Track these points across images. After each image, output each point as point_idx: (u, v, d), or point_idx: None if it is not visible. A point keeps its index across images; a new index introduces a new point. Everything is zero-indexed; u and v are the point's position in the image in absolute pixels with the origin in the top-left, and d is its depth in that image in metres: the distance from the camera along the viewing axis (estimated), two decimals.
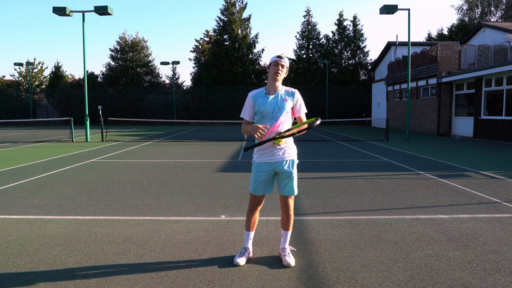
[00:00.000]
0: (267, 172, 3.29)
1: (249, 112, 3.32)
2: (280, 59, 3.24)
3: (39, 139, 18.30)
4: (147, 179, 7.53)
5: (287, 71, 3.32)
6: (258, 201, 3.40)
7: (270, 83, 3.33)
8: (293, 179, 3.32)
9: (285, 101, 3.28)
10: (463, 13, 41.96)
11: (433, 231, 4.23)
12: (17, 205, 5.49)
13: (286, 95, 3.32)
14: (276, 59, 3.25)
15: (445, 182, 7.10)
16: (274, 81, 3.28)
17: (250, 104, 3.31)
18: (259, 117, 3.30)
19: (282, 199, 3.37)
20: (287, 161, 3.29)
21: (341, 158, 10.77)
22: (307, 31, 39.66)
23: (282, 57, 3.25)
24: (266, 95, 3.29)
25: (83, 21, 17.43)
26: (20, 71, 43.79)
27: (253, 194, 3.36)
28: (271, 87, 3.32)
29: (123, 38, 41.30)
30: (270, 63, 3.29)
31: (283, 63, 3.25)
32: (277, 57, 3.25)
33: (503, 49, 19.54)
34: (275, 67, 3.24)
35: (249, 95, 3.35)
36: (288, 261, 3.32)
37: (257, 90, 3.38)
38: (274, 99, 3.27)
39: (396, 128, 25.65)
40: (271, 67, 3.26)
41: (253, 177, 3.36)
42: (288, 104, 3.29)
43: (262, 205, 3.52)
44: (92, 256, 3.56)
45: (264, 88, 3.36)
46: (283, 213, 3.42)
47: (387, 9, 16.49)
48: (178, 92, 39.22)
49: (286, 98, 3.30)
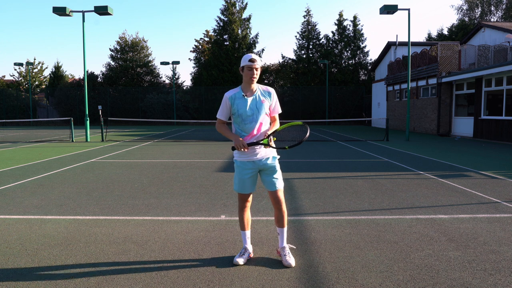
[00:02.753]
0: (251, 170, 3.33)
1: (226, 113, 3.34)
2: (253, 63, 3.17)
3: (39, 139, 18.30)
4: (147, 179, 7.53)
5: (261, 69, 3.29)
6: (246, 198, 3.44)
7: (246, 85, 3.29)
8: (277, 172, 3.38)
9: (263, 102, 3.30)
10: (463, 13, 41.97)
11: (433, 231, 4.23)
12: (17, 205, 5.49)
13: (263, 96, 3.32)
14: (249, 64, 3.17)
15: (445, 182, 7.10)
16: (250, 83, 3.26)
17: (227, 105, 3.30)
18: (238, 119, 3.29)
19: (272, 194, 3.38)
20: (269, 157, 3.34)
21: (341, 158, 10.77)
22: (307, 31, 39.65)
23: (254, 60, 3.17)
24: (243, 97, 3.27)
25: (83, 21, 17.43)
26: (20, 71, 43.84)
27: (241, 193, 3.40)
28: (247, 88, 3.29)
29: (123, 38, 41.32)
30: (243, 65, 3.20)
31: (256, 66, 3.19)
32: (249, 61, 3.16)
33: (503, 49, 19.53)
34: (250, 72, 3.19)
35: (226, 96, 3.30)
36: (288, 261, 3.31)
37: (233, 90, 3.34)
38: (253, 102, 3.27)
39: (396, 128, 25.65)
40: (245, 71, 3.20)
41: (238, 176, 3.38)
42: (266, 105, 3.31)
43: (262, 206, 3.52)
44: (92, 256, 3.56)
45: (240, 89, 3.31)
46: (276, 210, 3.41)
47: (387, 9, 16.50)
48: (178, 92, 39.21)
49: (263, 99, 3.30)
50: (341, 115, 37.27)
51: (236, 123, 3.33)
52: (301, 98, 37.27)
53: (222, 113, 3.34)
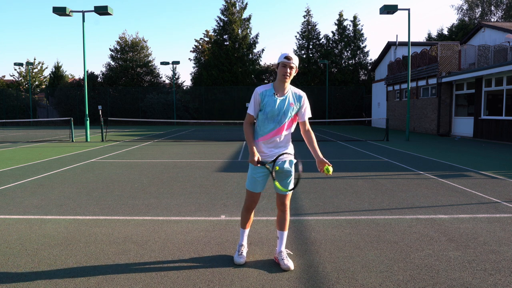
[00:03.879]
0: (266, 169, 3.27)
1: (255, 108, 3.23)
2: (289, 61, 3.06)
3: (39, 139, 18.30)
4: (147, 179, 7.53)
5: (296, 71, 3.18)
6: (256, 198, 3.38)
7: (278, 84, 3.19)
8: (291, 177, 3.33)
9: (291, 106, 3.20)
10: (463, 13, 41.97)
11: (433, 231, 4.23)
12: (17, 205, 5.48)
13: (293, 99, 3.22)
14: (284, 61, 3.07)
15: (445, 182, 7.10)
16: (283, 82, 3.15)
17: (257, 101, 3.20)
18: (263, 117, 3.20)
19: (281, 198, 3.34)
20: (286, 161, 3.28)
21: (341, 158, 10.77)
22: (307, 31, 39.65)
23: (290, 57, 3.07)
24: (274, 95, 3.17)
25: (83, 21, 17.43)
26: (20, 71, 43.81)
27: (252, 191, 3.33)
28: (279, 87, 3.19)
29: (123, 38, 41.31)
30: (278, 62, 3.13)
31: (292, 64, 3.08)
32: (285, 58, 3.07)
33: (503, 49, 19.53)
34: (284, 69, 3.09)
35: (257, 91, 3.20)
36: (287, 264, 3.26)
37: (265, 87, 3.23)
38: (282, 102, 3.17)
39: (396, 128, 25.65)
40: (279, 67, 3.11)
41: (250, 174, 3.31)
42: (293, 109, 3.22)
43: (262, 206, 3.52)
44: (92, 256, 3.56)
45: (272, 86, 3.22)
46: (280, 212, 3.38)
47: (387, 9, 16.50)
48: (178, 92, 39.20)
49: (292, 102, 3.21)
50: (341, 115, 37.27)
51: (259, 120, 3.25)
52: None
53: (252, 108, 3.22)
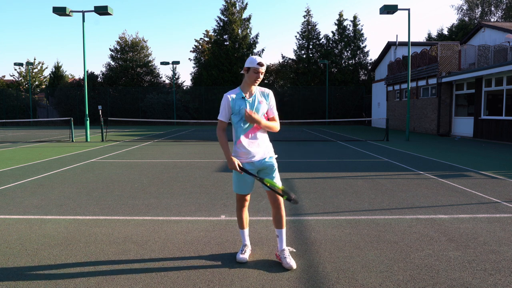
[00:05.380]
0: (251, 171, 3.33)
1: (227, 114, 3.35)
2: (261, 67, 3.22)
3: (39, 139, 18.30)
4: (147, 179, 7.53)
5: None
6: (244, 198, 3.48)
7: (246, 86, 3.33)
8: (276, 171, 3.41)
9: (261, 103, 3.35)
10: (463, 13, 41.98)
11: (433, 231, 4.23)
12: (17, 205, 5.49)
13: (261, 97, 3.38)
14: (257, 67, 3.22)
15: (445, 182, 7.10)
16: (252, 85, 3.32)
17: (228, 106, 3.31)
18: (237, 118, 3.32)
19: (271, 194, 3.37)
20: (266, 157, 3.38)
21: (341, 158, 10.77)
22: (307, 31, 39.65)
23: (263, 64, 3.23)
24: (243, 98, 3.31)
25: (83, 21, 17.43)
26: (20, 71, 43.83)
27: (240, 193, 3.43)
28: (247, 89, 3.33)
29: (123, 38, 41.32)
30: (249, 67, 3.23)
31: (262, 71, 3.25)
32: (258, 64, 3.21)
33: (503, 49, 19.53)
34: (256, 75, 3.24)
35: (226, 97, 3.32)
36: (289, 263, 3.27)
37: (233, 91, 3.37)
38: (252, 103, 3.32)
39: (396, 128, 25.65)
40: (251, 73, 3.23)
41: (236, 178, 3.40)
42: (263, 106, 3.36)
43: (262, 206, 3.52)
44: (92, 256, 3.56)
45: (240, 90, 3.35)
46: (275, 209, 3.39)
47: (387, 9, 16.50)
48: (178, 92, 39.21)
49: (261, 100, 3.36)
50: (341, 115, 37.26)
51: (235, 124, 3.36)
52: (301, 98, 37.28)
53: (223, 114, 3.35)
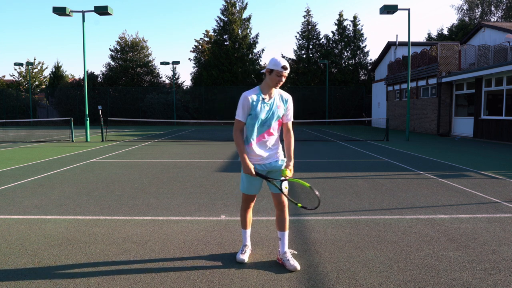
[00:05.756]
0: (260, 172, 3.30)
1: (245, 114, 3.23)
2: (285, 70, 3.13)
3: (39, 139, 18.30)
4: (147, 179, 7.53)
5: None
6: (251, 199, 3.46)
7: (267, 88, 3.23)
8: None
9: (279, 108, 3.28)
10: (463, 13, 41.98)
11: (433, 231, 4.23)
12: (17, 205, 5.49)
13: (280, 101, 3.30)
14: (281, 71, 3.12)
15: (445, 182, 7.10)
16: (273, 88, 3.23)
17: (248, 107, 3.21)
18: (252, 121, 3.23)
19: (277, 196, 3.34)
20: (278, 160, 3.36)
21: (341, 158, 10.77)
22: (307, 31, 39.66)
23: (287, 67, 3.14)
24: (263, 100, 3.23)
25: (83, 21, 17.43)
26: (20, 71, 43.82)
27: (247, 193, 3.40)
28: (267, 91, 3.24)
29: (123, 38, 41.31)
30: (272, 69, 3.13)
31: (286, 74, 3.16)
32: (282, 67, 3.11)
33: (503, 49, 19.53)
34: (278, 78, 3.14)
35: (246, 97, 3.19)
36: (293, 265, 3.26)
37: (253, 92, 3.24)
38: (270, 106, 3.25)
39: (396, 128, 25.65)
40: (273, 75, 3.14)
41: (245, 178, 3.34)
42: (280, 111, 3.29)
43: (262, 206, 3.51)
44: (92, 256, 3.56)
45: (260, 90, 3.25)
46: (279, 211, 3.37)
47: (387, 9, 16.50)
48: (178, 92, 39.21)
49: (279, 105, 3.28)
50: (341, 115, 37.26)
51: (249, 125, 3.27)
52: (301, 98, 37.25)
53: (242, 114, 3.22)
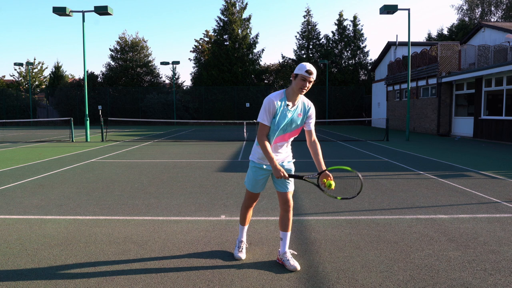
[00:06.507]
0: (267, 172, 3.33)
1: (270, 118, 3.14)
2: (310, 75, 3.02)
3: (39, 139, 18.30)
4: (147, 179, 7.53)
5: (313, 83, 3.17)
6: (255, 197, 3.50)
7: (292, 94, 3.15)
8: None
9: (299, 117, 3.22)
10: (463, 13, 41.99)
11: (433, 231, 4.23)
12: (17, 205, 5.48)
13: (301, 110, 3.23)
14: (305, 75, 3.02)
15: (445, 182, 7.10)
16: (298, 93, 3.14)
17: (273, 111, 3.12)
18: (272, 126, 3.17)
19: (283, 196, 3.33)
20: (285, 160, 3.36)
21: (341, 158, 10.77)
22: (307, 31, 39.67)
23: (312, 72, 3.03)
24: (286, 107, 3.14)
25: (83, 21, 17.43)
26: (20, 71, 43.85)
27: (252, 191, 3.42)
28: (292, 98, 3.16)
29: (123, 38, 41.35)
30: (297, 74, 3.05)
31: (311, 79, 3.05)
32: (306, 71, 3.01)
33: (503, 49, 19.53)
34: (303, 82, 3.04)
35: (272, 101, 3.10)
36: (294, 265, 3.26)
37: (278, 96, 3.14)
38: (292, 113, 3.18)
39: (396, 128, 25.65)
40: (298, 80, 3.05)
41: (252, 176, 3.35)
42: (301, 119, 3.24)
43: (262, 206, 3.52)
44: (92, 256, 3.56)
45: (285, 95, 3.16)
46: (284, 212, 3.36)
47: (387, 9, 16.50)
48: (178, 92, 39.23)
49: (300, 113, 3.22)
50: (341, 115, 37.28)
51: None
52: None
53: (267, 118, 3.13)
